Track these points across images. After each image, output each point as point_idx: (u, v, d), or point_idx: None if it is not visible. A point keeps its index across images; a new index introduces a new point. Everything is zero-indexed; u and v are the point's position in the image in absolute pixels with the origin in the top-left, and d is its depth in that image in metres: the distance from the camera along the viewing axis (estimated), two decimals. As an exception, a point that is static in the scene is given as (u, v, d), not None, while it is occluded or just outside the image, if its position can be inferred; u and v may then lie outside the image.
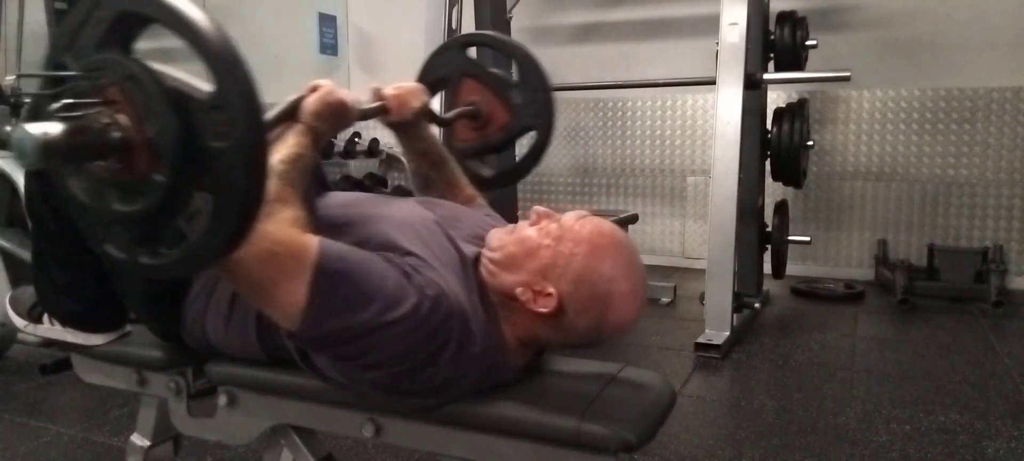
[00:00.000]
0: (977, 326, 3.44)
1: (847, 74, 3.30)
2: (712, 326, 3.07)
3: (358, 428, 1.13)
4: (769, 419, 2.35)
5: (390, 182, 4.71)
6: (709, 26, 3.58)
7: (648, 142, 4.93)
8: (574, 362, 1.21)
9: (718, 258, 3.11)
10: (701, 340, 3.00)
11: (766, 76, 3.48)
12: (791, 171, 3.74)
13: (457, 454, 1.11)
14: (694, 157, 4.82)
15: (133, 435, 1.47)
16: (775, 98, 4.17)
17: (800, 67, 3.78)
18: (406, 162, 1.44)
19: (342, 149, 4.56)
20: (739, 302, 3.22)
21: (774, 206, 3.88)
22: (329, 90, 1.15)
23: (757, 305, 3.43)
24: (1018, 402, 2.47)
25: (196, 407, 1.31)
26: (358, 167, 5.02)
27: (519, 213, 3.72)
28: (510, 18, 4.27)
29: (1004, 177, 4.20)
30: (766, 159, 3.77)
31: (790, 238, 3.89)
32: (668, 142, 4.88)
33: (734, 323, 3.10)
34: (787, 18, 3.70)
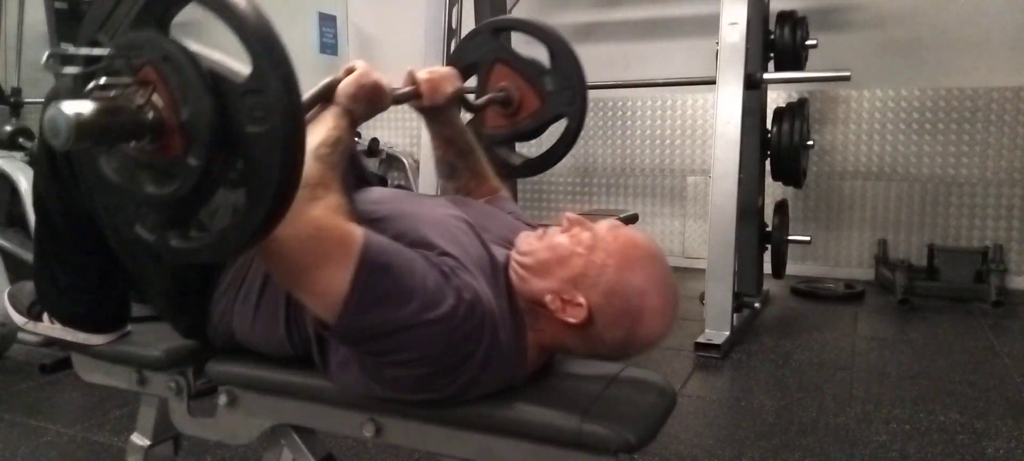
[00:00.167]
0: (977, 326, 3.44)
1: (847, 74, 3.30)
2: (712, 326, 3.07)
3: (358, 428, 1.13)
4: (769, 419, 2.35)
5: (390, 182, 4.71)
6: (709, 26, 3.57)
7: (648, 142, 4.93)
8: (575, 362, 1.20)
9: (718, 258, 3.11)
10: (701, 340, 3.00)
11: (766, 76, 3.48)
12: (791, 171, 3.74)
13: (457, 454, 1.11)
14: (694, 157, 4.81)
15: (133, 435, 1.46)
16: (775, 98, 4.17)
17: (800, 67, 3.79)
18: (432, 148, 1.40)
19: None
20: (739, 302, 3.21)
21: (774, 206, 3.88)
22: (364, 71, 1.13)
23: (757, 305, 3.43)
24: (1018, 402, 2.47)
25: (196, 407, 1.31)
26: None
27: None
28: (510, 18, 4.26)
29: (1004, 177, 4.20)
30: (766, 159, 3.77)
31: (790, 238, 3.89)
32: (668, 142, 4.88)
33: (734, 323, 3.10)
34: (787, 18, 3.70)
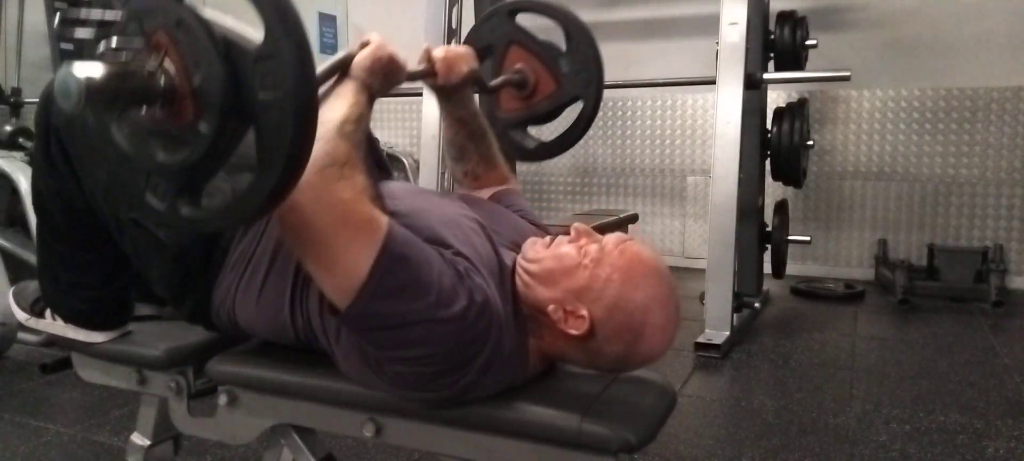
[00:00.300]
0: (977, 326, 3.44)
1: (847, 74, 3.30)
2: (712, 326, 3.06)
3: (358, 428, 1.13)
4: (769, 419, 2.35)
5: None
6: (709, 26, 3.57)
7: (648, 142, 4.93)
8: (575, 362, 1.21)
9: (718, 258, 3.11)
10: (701, 340, 3.00)
11: (766, 76, 3.48)
12: (791, 171, 3.74)
13: (457, 454, 1.11)
14: (694, 157, 4.81)
15: (133, 434, 1.46)
16: (775, 98, 4.17)
17: (800, 67, 3.79)
18: (443, 129, 1.38)
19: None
20: (739, 302, 3.22)
21: (774, 206, 3.88)
22: (380, 44, 1.10)
23: (757, 305, 3.43)
24: (1018, 402, 2.47)
25: (196, 406, 1.31)
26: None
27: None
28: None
29: (1004, 177, 4.20)
30: (766, 159, 3.77)
31: (790, 238, 3.89)
32: (668, 142, 4.88)
33: (734, 323, 3.10)
34: (787, 18, 3.71)
